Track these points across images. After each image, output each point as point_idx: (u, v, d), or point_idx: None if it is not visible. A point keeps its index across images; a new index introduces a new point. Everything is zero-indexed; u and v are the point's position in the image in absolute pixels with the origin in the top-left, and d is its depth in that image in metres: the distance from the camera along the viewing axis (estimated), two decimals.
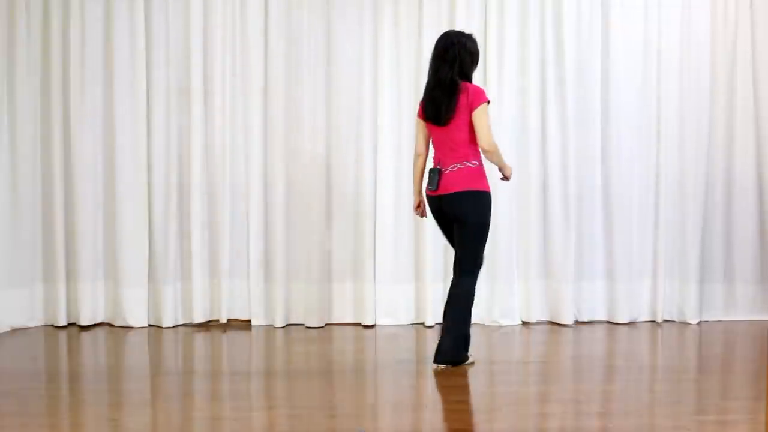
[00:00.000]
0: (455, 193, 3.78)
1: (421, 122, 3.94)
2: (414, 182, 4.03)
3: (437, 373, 3.80)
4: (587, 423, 3.11)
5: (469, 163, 3.80)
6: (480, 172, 3.82)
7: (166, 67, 4.88)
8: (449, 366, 3.86)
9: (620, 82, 4.98)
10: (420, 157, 3.98)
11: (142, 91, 4.85)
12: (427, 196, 3.94)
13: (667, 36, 4.99)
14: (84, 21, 4.83)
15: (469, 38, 3.90)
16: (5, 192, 4.79)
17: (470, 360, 3.93)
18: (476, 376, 3.83)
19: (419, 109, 3.94)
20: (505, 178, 3.98)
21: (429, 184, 3.87)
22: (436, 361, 3.86)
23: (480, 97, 3.76)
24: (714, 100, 5.02)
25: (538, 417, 3.20)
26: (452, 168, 3.80)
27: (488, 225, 3.86)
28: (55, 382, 3.78)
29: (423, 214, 4.10)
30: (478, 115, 3.74)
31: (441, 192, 3.82)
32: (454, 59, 3.80)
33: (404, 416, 3.21)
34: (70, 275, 4.90)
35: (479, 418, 3.18)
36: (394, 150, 4.94)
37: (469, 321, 3.88)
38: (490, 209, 3.84)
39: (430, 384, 3.74)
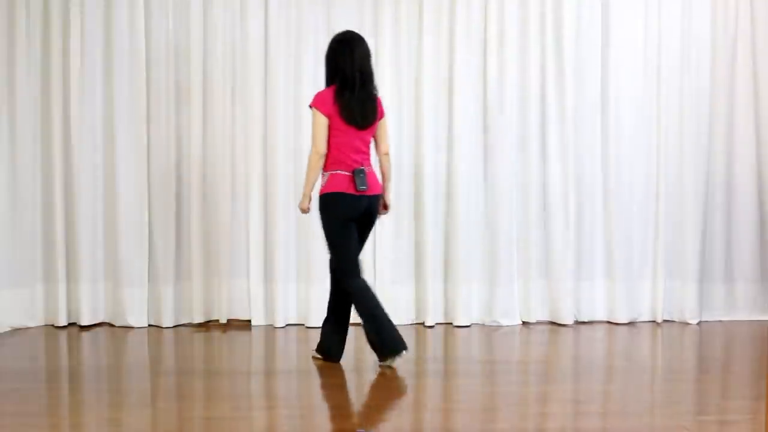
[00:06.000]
0: (379, 195, 3.96)
1: (327, 121, 3.83)
2: (312, 183, 3.88)
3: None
4: (587, 423, 3.11)
5: (373, 167, 3.96)
6: None
7: (166, 67, 4.88)
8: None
9: (620, 82, 4.98)
10: (323, 158, 3.85)
11: (142, 90, 4.85)
12: (351, 196, 3.84)
13: (667, 35, 4.98)
14: (84, 21, 4.83)
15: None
16: (5, 192, 4.78)
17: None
18: (476, 376, 3.83)
19: (333, 109, 3.81)
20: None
21: (360, 184, 3.82)
22: (405, 347, 3.85)
23: (383, 107, 3.96)
24: (714, 100, 5.02)
25: (538, 417, 3.21)
26: (370, 169, 3.92)
27: None
28: (55, 381, 3.78)
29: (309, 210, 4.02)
30: (386, 123, 4.01)
31: (370, 192, 3.88)
32: (371, 66, 3.92)
33: (404, 416, 3.21)
34: (70, 275, 4.90)
35: (479, 418, 3.18)
36: (394, 149, 4.93)
37: None
38: None
39: (430, 384, 3.74)
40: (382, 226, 4.92)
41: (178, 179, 4.92)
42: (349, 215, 3.86)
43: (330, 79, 3.92)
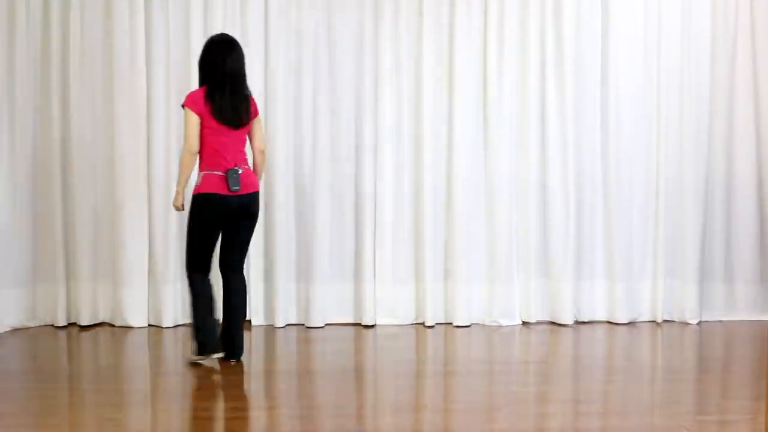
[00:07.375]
0: (255, 193, 3.98)
1: (199, 120, 3.86)
2: (185, 181, 3.93)
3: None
4: (587, 423, 3.11)
5: (249, 166, 4.01)
6: None
7: (166, 67, 4.88)
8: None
9: (620, 81, 4.98)
10: (196, 156, 3.91)
11: (142, 90, 4.85)
12: (219, 196, 3.87)
13: (667, 30, 4.97)
14: (84, 21, 4.83)
15: None
16: (5, 192, 4.78)
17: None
18: (476, 376, 3.83)
19: (205, 109, 3.85)
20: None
21: (233, 184, 3.86)
22: (236, 356, 3.98)
23: (256, 106, 4.05)
24: (714, 99, 5.01)
25: (538, 417, 3.21)
26: (245, 168, 3.95)
27: None
28: (55, 381, 3.78)
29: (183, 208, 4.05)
30: (260, 121, 4.12)
31: (244, 191, 3.91)
32: (244, 68, 4.00)
33: (404, 416, 3.21)
34: (70, 275, 4.89)
35: (479, 418, 3.18)
36: (394, 149, 4.94)
37: None
38: None
39: (430, 384, 3.74)
40: (382, 225, 4.93)
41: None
42: (216, 217, 3.91)
43: (203, 79, 3.98)
